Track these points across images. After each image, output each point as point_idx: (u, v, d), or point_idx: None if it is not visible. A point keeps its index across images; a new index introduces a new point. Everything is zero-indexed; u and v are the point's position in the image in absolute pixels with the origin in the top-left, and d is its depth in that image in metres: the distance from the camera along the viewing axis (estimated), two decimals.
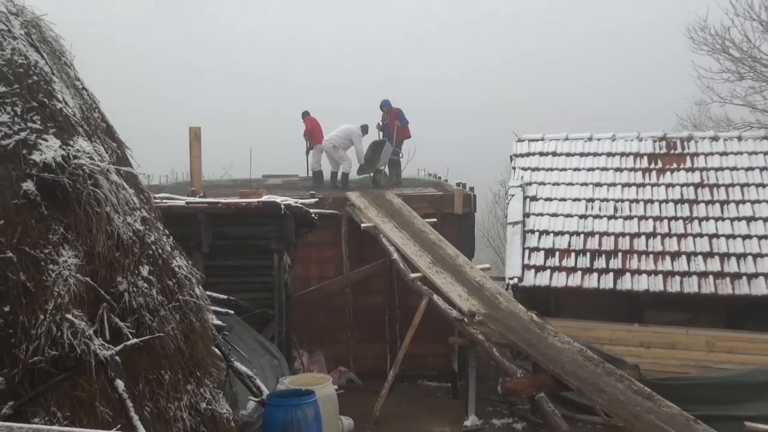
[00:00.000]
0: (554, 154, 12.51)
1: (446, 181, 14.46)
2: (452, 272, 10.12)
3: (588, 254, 10.78)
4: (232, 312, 8.36)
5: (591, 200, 11.57)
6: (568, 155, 12.45)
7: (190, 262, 6.63)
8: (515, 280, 10.68)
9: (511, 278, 10.73)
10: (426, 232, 11.10)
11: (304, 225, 9.70)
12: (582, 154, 12.41)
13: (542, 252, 10.98)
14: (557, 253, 10.92)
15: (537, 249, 11.04)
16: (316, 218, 9.70)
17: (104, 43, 31.36)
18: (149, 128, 25.17)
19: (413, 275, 10.04)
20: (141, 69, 34.44)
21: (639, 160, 12.06)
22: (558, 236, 11.16)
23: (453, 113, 31.45)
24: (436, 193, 12.68)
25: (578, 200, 11.62)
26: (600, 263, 10.62)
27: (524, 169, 12.36)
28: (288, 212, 9.08)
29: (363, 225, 11.22)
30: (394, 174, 14.43)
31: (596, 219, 11.27)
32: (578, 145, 12.57)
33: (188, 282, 6.23)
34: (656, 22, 30.73)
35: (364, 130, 14.20)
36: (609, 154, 12.29)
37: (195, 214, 8.89)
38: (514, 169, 12.50)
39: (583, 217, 11.33)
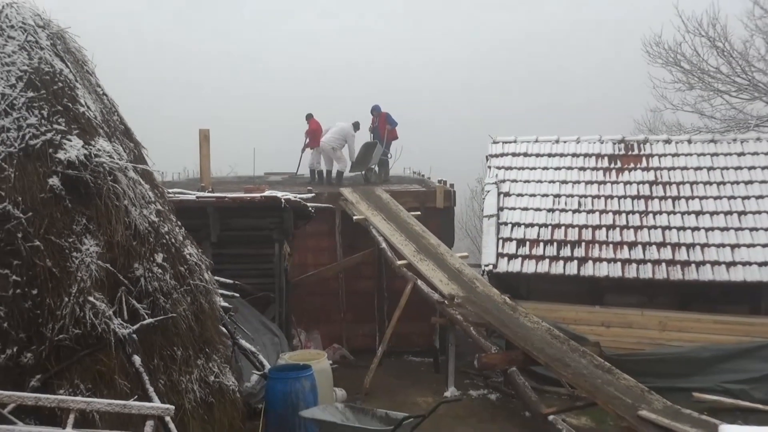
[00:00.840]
0: (525, 155, 12.50)
1: (429, 179, 14.41)
2: (434, 260, 10.14)
3: (555, 244, 10.80)
4: (238, 295, 8.37)
5: (558, 196, 11.59)
6: (538, 156, 12.44)
7: (200, 251, 6.64)
8: (490, 267, 10.69)
9: (487, 265, 10.74)
10: (411, 224, 11.10)
11: (302, 217, 9.68)
12: (550, 155, 12.39)
13: (514, 242, 10.99)
14: (528, 243, 10.92)
15: (510, 239, 11.04)
16: (313, 211, 9.68)
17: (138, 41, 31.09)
18: (166, 125, 24.98)
19: (399, 262, 10.04)
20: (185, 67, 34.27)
21: (600, 160, 12.09)
22: (528, 228, 11.16)
23: (438, 121, 31.53)
24: (420, 189, 12.65)
25: (546, 196, 11.62)
26: (565, 252, 10.65)
27: (499, 168, 12.36)
28: (288, 206, 9.08)
29: (355, 217, 11.21)
30: (383, 172, 14.39)
31: (562, 212, 11.28)
32: (547, 147, 12.56)
33: (198, 268, 6.23)
34: (618, 41, 31.12)
35: (356, 127, 14.01)
36: (574, 155, 12.29)
37: (204, 208, 8.88)
38: (490, 168, 12.48)
39: (551, 211, 11.34)
